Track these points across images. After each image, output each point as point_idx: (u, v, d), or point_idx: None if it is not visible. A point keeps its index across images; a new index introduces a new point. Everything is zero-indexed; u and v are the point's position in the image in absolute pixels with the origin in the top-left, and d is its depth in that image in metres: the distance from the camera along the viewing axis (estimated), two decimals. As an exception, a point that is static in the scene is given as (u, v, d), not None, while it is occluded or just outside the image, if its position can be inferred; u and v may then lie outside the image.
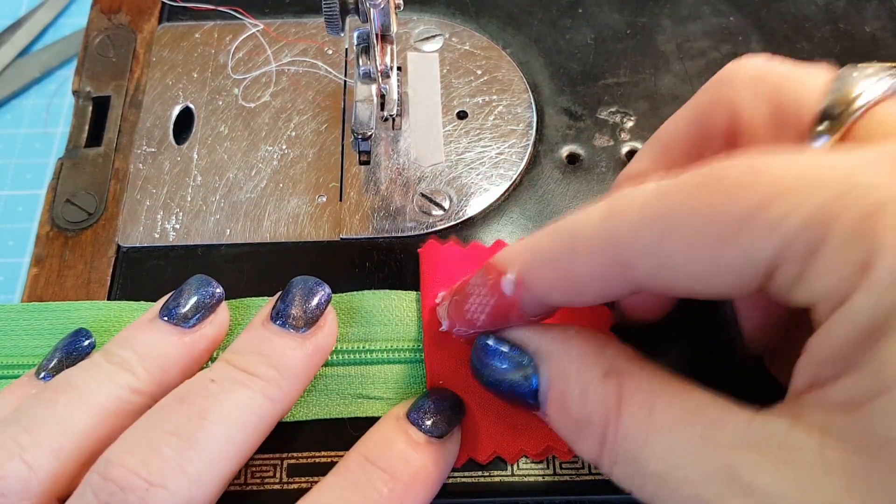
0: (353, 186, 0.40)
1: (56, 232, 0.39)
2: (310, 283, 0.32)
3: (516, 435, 0.32)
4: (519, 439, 0.32)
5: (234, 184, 0.40)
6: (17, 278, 0.47)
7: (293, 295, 0.32)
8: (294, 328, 0.31)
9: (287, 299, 0.32)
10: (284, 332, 0.31)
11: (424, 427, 0.30)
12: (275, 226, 0.39)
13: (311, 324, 0.32)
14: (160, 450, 0.27)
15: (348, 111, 0.43)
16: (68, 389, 0.30)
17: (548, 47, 0.45)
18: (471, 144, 0.42)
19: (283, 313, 0.32)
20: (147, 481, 0.26)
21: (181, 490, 0.27)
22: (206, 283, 0.33)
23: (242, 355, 0.31)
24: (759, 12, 0.46)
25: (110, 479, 0.26)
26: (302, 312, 0.32)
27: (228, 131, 0.42)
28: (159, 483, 0.26)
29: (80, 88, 0.44)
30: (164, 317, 0.32)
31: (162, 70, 0.44)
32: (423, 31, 0.46)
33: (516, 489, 0.32)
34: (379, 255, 0.38)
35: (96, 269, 0.38)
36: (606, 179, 0.40)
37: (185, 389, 0.30)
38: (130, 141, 0.42)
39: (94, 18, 0.47)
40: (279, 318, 0.32)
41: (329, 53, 0.45)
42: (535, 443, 0.32)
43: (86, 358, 0.33)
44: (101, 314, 0.35)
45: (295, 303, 0.32)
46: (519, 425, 0.32)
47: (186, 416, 0.28)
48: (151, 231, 0.39)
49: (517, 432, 0.32)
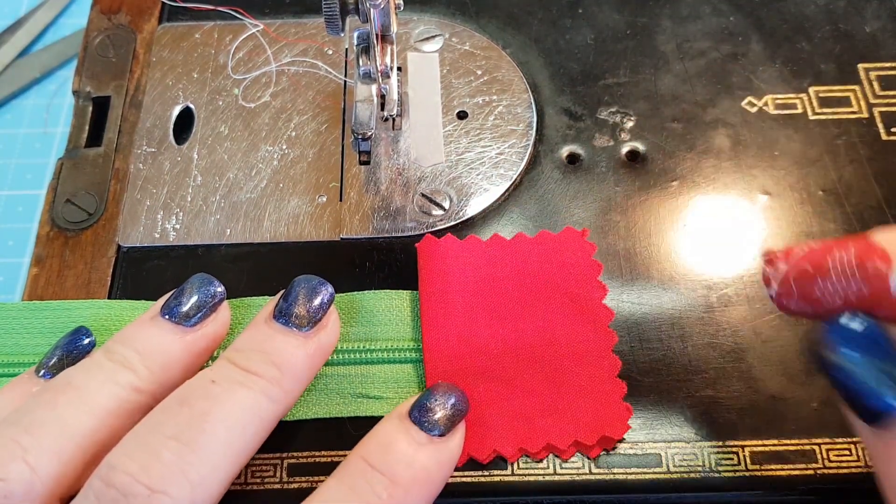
0: (353, 186, 0.40)
1: (56, 232, 0.39)
2: (313, 282, 0.32)
3: (516, 433, 0.32)
4: (519, 437, 0.32)
5: (235, 184, 0.40)
6: (18, 278, 0.47)
7: (296, 293, 0.32)
8: (297, 327, 0.31)
9: (290, 298, 0.32)
10: (287, 331, 0.31)
11: (426, 426, 0.30)
12: (275, 226, 0.39)
13: (313, 323, 0.32)
14: (161, 455, 0.27)
15: (348, 111, 0.43)
16: (69, 390, 0.30)
17: (548, 47, 0.45)
18: (471, 144, 0.42)
19: (285, 311, 0.32)
20: (149, 487, 0.26)
21: (183, 495, 0.27)
22: (207, 282, 0.33)
23: (244, 353, 0.31)
24: (759, 12, 0.46)
25: (112, 485, 0.26)
26: (305, 311, 0.32)
27: (228, 131, 0.42)
28: (160, 489, 0.26)
29: (80, 88, 0.44)
30: (166, 315, 0.32)
31: (162, 70, 0.44)
32: (423, 31, 0.46)
33: (516, 489, 0.32)
34: (379, 255, 0.38)
35: (96, 269, 0.38)
36: (606, 179, 0.40)
37: (186, 391, 0.30)
38: (130, 141, 0.42)
39: (94, 19, 0.47)
40: (282, 317, 0.31)
41: (329, 53, 0.45)
42: (535, 441, 0.32)
43: (86, 356, 0.33)
44: (101, 313, 0.35)
45: (298, 301, 0.32)
46: (519, 424, 0.32)
47: (187, 420, 0.28)
48: (151, 231, 0.39)
49: (517, 431, 0.32)
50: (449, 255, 0.36)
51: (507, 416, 0.33)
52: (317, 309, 0.32)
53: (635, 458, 0.33)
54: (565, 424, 0.32)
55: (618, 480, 0.32)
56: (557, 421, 0.32)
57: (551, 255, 0.36)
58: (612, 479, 0.32)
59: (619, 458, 0.33)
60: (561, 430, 0.32)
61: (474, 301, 0.35)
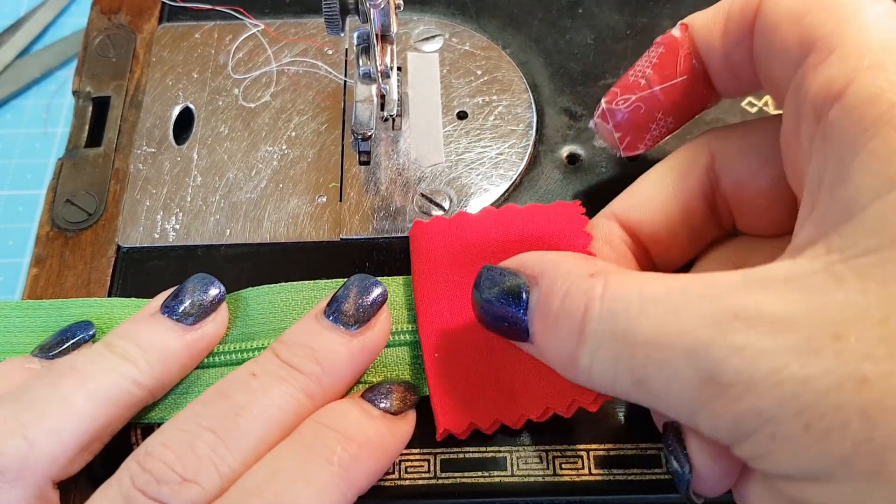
0: (353, 187, 0.40)
1: (56, 232, 0.39)
2: (366, 282, 0.33)
3: (516, 400, 0.32)
4: (519, 405, 0.32)
5: (234, 184, 0.40)
6: (17, 278, 0.47)
7: (348, 291, 0.32)
8: (344, 324, 0.31)
9: (341, 295, 0.32)
10: (334, 328, 0.32)
11: (380, 405, 0.31)
12: (275, 226, 0.39)
13: (361, 322, 0.32)
14: (196, 445, 0.28)
15: (348, 111, 0.43)
16: (72, 373, 0.30)
17: (548, 47, 0.45)
18: (471, 144, 0.42)
19: (335, 308, 0.32)
20: (181, 476, 0.27)
21: (213, 486, 0.27)
22: (207, 282, 0.33)
23: (289, 347, 0.31)
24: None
25: (147, 469, 0.27)
26: (354, 309, 0.32)
27: (228, 131, 0.42)
28: (192, 479, 0.27)
29: (80, 88, 0.44)
30: (166, 313, 0.32)
31: (162, 70, 0.44)
32: (423, 31, 0.46)
33: (516, 489, 0.32)
34: (379, 255, 0.38)
35: (96, 270, 0.38)
36: (606, 179, 0.40)
37: (227, 383, 0.30)
38: (130, 141, 0.42)
39: (94, 19, 0.47)
40: (331, 313, 0.32)
41: (329, 53, 0.45)
42: (534, 405, 0.32)
43: (87, 346, 0.33)
44: (94, 311, 0.35)
45: (349, 299, 0.32)
46: (518, 390, 0.32)
47: (224, 413, 0.29)
48: (151, 231, 0.39)
49: (516, 398, 0.32)
50: (437, 234, 0.36)
51: (505, 384, 0.32)
52: (367, 308, 0.32)
53: (635, 459, 0.33)
54: (539, 391, 0.32)
55: (618, 481, 0.32)
56: (531, 389, 0.32)
57: (542, 223, 0.35)
58: (612, 479, 0.32)
59: (620, 459, 0.33)
60: (534, 397, 0.32)
61: (465, 274, 0.35)
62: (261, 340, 0.34)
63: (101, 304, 0.36)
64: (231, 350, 0.34)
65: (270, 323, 0.35)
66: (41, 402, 0.29)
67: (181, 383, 0.33)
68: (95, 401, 0.30)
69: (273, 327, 0.35)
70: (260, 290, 0.36)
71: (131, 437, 0.33)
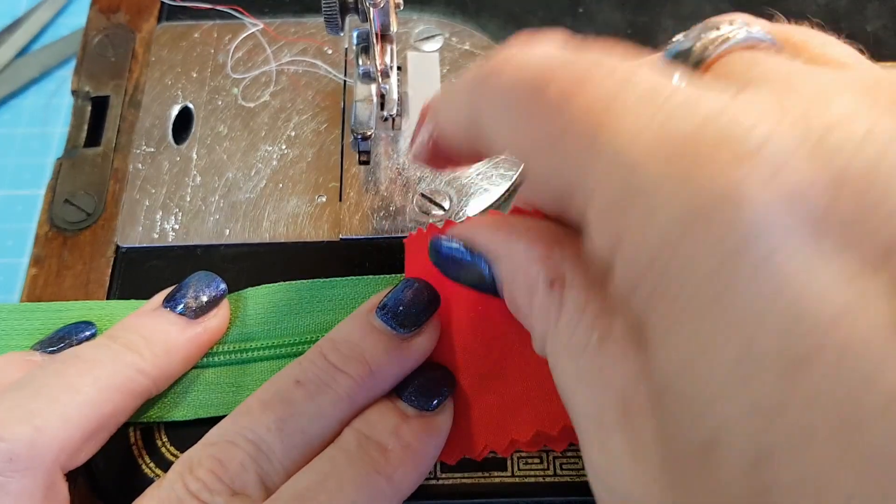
0: (353, 186, 0.40)
1: (55, 232, 0.39)
2: (416, 285, 0.32)
3: (504, 426, 0.31)
4: (508, 430, 0.31)
5: (234, 184, 0.40)
6: (16, 279, 0.46)
7: (401, 293, 0.32)
8: (392, 327, 0.31)
9: (394, 296, 0.32)
10: (384, 329, 0.31)
11: (414, 403, 0.30)
12: (274, 226, 0.39)
13: (411, 326, 0.31)
14: (242, 459, 0.28)
15: (348, 111, 0.43)
16: (76, 362, 0.30)
17: (548, 47, 0.45)
18: (471, 144, 0.41)
19: (387, 309, 0.31)
20: (230, 488, 0.27)
21: (257, 495, 0.28)
22: (210, 278, 0.34)
23: (338, 347, 0.31)
24: (759, 11, 0.46)
25: (199, 478, 0.28)
26: (406, 312, 0.31)
27: (228, 131, 0.42)
28: (241, 491, 0.28)
29: (78, 88, 0.44)
30: (169, 307, 0.33)
31: (161, 70, 0.44)
32: (423, 30, 0.45)
33: (516, 490, 0.32)
34: (379, 255, 0.38)
35: (95, 270, 0.38)
36: (607, 179, 0.40)
37: (270, 392, 0.30)
38: (129, 141, 0.42)
39: (93, 18, 0.47)
40: (381, 313, 0.31)
41: (329, 53, 0.45)
42: (524, 430, 0.31)
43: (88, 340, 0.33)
44: (93, 314, 0.35)
45: (400, 301, 0.31)
46: (505, 416, 0.31)
47: (267, 425, 0.29)
48: (150, 231, 0.39)
49: (505, 424, 0.31)
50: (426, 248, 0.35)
51: (497, 409, 0.32)
52: (418, 313, 0.31)
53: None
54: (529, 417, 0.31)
55: (618, 481, 0.32)
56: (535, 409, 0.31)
57: None
58: (613, 480, 0.32)
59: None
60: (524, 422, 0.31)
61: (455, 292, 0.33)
62: (260, 341, 0.34)
63: (101, 306, 0.36)
64: (230, 350, 0.34)
65: (269, 323, 0.35)
66: (48, 389, 0.29)
67: (180, 382, 0.33)
68: (101, 387, 0.30)
69: (272, 328, 0.35)
70: (259, 291, 0.36)
71: (131, 438, 0.33)
